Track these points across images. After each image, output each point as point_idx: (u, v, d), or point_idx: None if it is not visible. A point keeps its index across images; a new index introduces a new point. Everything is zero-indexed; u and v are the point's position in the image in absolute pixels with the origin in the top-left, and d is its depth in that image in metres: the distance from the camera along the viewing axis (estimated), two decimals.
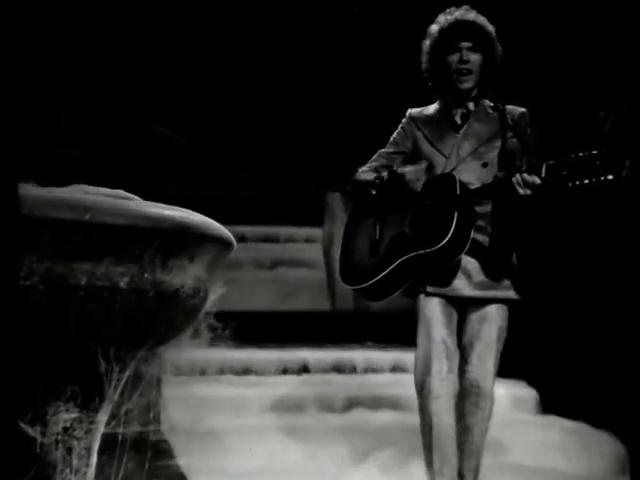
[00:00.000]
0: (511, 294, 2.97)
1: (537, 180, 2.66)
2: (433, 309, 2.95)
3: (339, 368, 5.43)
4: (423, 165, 2.97)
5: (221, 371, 5.17)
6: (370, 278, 2.91)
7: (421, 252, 2.82)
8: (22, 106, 1.56)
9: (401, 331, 3.61)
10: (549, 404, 4.86)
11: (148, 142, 5.66)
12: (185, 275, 1.73)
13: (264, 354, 5.51)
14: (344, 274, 3.07)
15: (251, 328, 6.35)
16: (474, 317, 2.96)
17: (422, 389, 2.94)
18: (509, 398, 4.59)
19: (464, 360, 2.96)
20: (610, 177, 2.49)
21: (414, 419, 3.05)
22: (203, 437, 3.84)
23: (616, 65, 4.54)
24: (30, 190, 1.55)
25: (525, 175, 2.68)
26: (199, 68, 6.85)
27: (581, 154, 2.53)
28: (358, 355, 5.43)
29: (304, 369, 5.41)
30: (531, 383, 4.99)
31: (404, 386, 3.66)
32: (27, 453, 1.68)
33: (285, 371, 5.35)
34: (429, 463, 2.94)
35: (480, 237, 2.93)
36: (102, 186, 1.80)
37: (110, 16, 5.78)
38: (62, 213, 1.52)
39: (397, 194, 2.94)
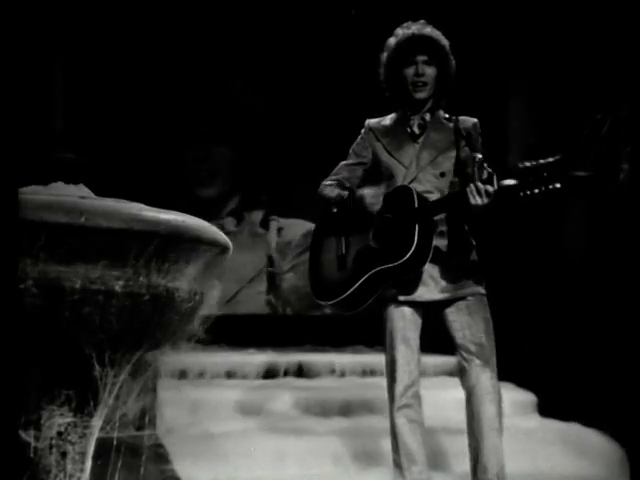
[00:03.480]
0: (480, 289, 3.06)
1: (490, 189, 2.76)
2: (399, 317, 3.05)
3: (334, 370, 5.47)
4: (382, 188, 3.08)
5: (217, 375, 5.18)
6: (341, 293, 3.01)
7: (387, 266, 2.93)
8: (17, 109, 1.55)
9: None
10: (546, 407, 4.87)
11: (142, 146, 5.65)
12: (181, 279, 1.72)
13: (261, 357, 5.52)
14: (315, 290, 3.16)
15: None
16: (456, 314, 3.04)
17: (389, 394, 3.06)
18: (506, 401, 4.57)
19: (463, 359, 3.01)
20: (558, 186, 2.58)
21: None
22: (199, 441, 3.84)
23: (614, 68, 4.54)
24: (24, 193, 1.54)
25: (479, 184, 2.78)
26: (196, 72, 6.85)
27: (529, 164, 2.62)
28: None
29: (300, 372, 5.43)
30: (528, 386, 5.00)
31: None
32: (21, 457, 1.67)
33: (284, 373, 5.37)
34: (396, 461, 3.04)
35: (442, 242, 3.03)
36: (98, 187, 1.79)
37: (105, 20, 5.78)
38: (57, 216, 1.51)
39: (357, 214, 3.05)
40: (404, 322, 3.04)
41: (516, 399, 4.79)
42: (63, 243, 1.53)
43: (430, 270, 3.01)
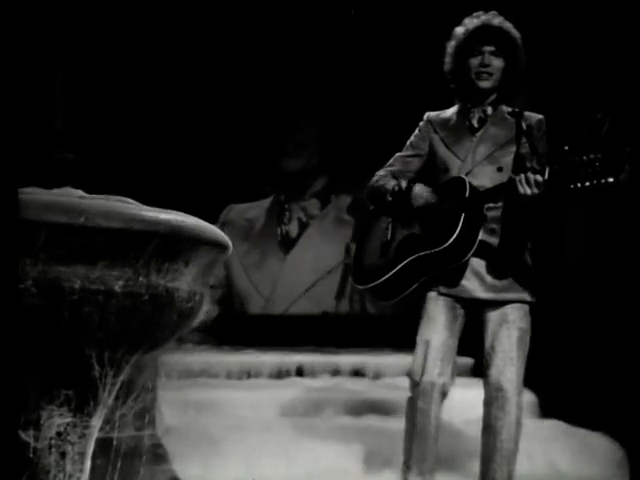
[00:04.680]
0: (525, 296, 2.98)
1: (539, 178, 2.67)
2: (437, 310, 2.97)
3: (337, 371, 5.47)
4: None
5: (217, 374, 5.17)
6: (378, 277, 2.93)
7: (427, 252, 2.85)
8: (16, 108, 1.55)
9: None
10: (548, 408, 4.86)
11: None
12: (180, 279, 1.72)
13: (261, 357, 5.51)
14: (355, 274, 3.11)
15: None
16: (493, 320, 2.96)
17: (414, 387, 2.97)
18: None
19: (487, 365, 2.95)
20: (610, 179, 2.50)
21: None
22: (199, 441, 3.83)
23: (614, 67, 4.54)
24: (24, 193, 1.54)
25: (529, 174, 2.70)
26: (196, 73, 6.84)
27: (584, 157, 2.54)
28: None
29: (300, 372, 5.42)
30: (529, 386, 4.98)
31: None
32: (20, 457, 1.67)
33: (282, 374, 5.37)
34: (407, 461, 2.97)
35: (493, 240, 2.94)
36: (97, 188, 1.79)
37: (104, 19, 5.77)
38: (56, 216, 1.51)
39: (412, 204, 2.98)
40: (442, 315, 2.96)
41: None
42: (63, 243, 1.53)
43: (477, 267, 2.93)
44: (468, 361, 5.04)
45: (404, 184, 3.02)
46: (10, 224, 1.45)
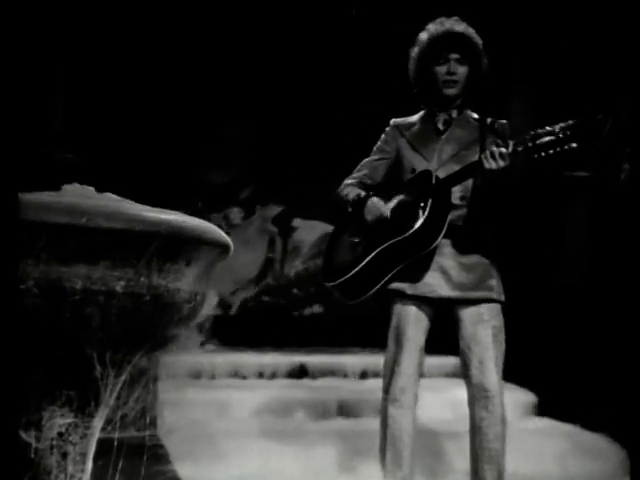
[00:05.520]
0: (493, 295, 2.98)
1: (504, 150, 2.69)
2: (406, 314, 2.98)
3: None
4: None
5: (218, 375, 5.18)
6: (346, 272, 2.91)
7: (395, 240, 2.83)
8: (17, 109, 1.55)
9: None
10: (546, 407, 4.86)
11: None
12: (182, 279, 1.72)
13: (261, 357, 5.51)
14: (324, 272, 3.08)
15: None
16: (467, 319, 2.96)
17: (386, 392, 2.99)
18: (506, 402, 4.57)
19: (466, 366, 2.95)
20: (574, 145, 2.52)
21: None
22: (200, 442, 3.83)
23: (615, 68, 4.54)
24: (26, 194, 1.54)
25: (493, 148, 2.72)
26: (195, 72, 6.84)
27: (547, 127, 2.57)
28: None
29: (301, 372, 5.43)
30: (529, 386, 4.99)
31: None
32: (22, 458, 1.67)
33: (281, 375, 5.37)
34: (383, 464, 2.98)
35: (458, 239, 2.95)
36: (97, 188, 1.79)
37: (105, 19, 5.77)
38: (58, 217, 1.51)
39: (365, 217, 2.99)
40: (410, 320, 2.96)
41: (516, 399, 4.78)
42: (64, 244, 1.53)
43: (444, 266, 2.93)
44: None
45: (362, 194, 3.04)
46: (10, 224, 1.45)
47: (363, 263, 2.88)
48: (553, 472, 4.01)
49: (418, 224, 2.78)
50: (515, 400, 4.76)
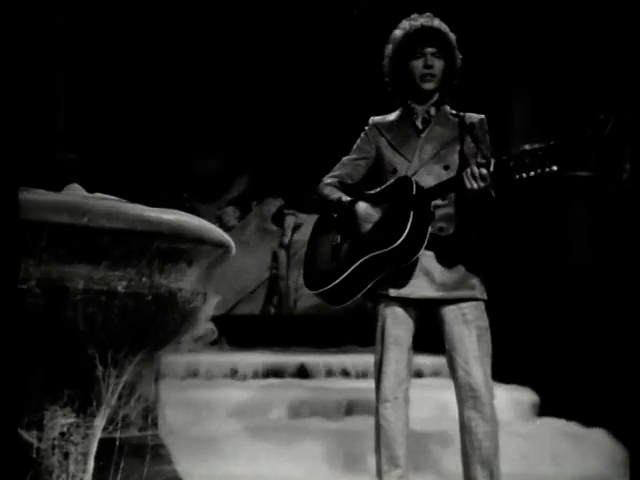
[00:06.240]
0: (477, 294, 2.96)
1: (484, 171, 2.70)
2: (390, 315, 2.98)
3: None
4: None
5: (219, 375, 5.18)
6: (331, 281, 2.92)
7: (378, 252, 2.84)
8: (18, 109, 1.55)
9: None
10: (547, 407, 4.86)
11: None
12: (183, 279, 1.72)
13: (262, 357, 5.52)
14: (307, 279, 3.09)
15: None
16: (451, 320, 2.95)
17: (376, 392, 2.99)
18: (507, 401, 4.57)
19: (452, 367, 2.94)
20: (554, 168, 2.53)
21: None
22: (201, 442, 3.84)
23: (617, 68, 4.54)
24: (27, 194, 1.54)
25: (474, 168, 2.72)
26: (196, 72, 6.84)
27: (527, 147, 2.58)
28: None
29: (301, 372, 5.43)
30: (529, 385, 4.99)
31: None
32: (23, 458, 1.67)
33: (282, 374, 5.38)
34: (378, 464, 2.98)
35: (441, 239, 2.95)
36: (98, 189, 1.79)
37: (106, 21, 5.78)
38: (60, 217, 1.51)
39: (357, 223, 2.99)
40: (395, 320, 2.97)
41: (517, 399, 4.78)
42: (66, 243, 1.53)
43: (426, 266, 2.93)
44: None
45: (347, 200, 3.02)
46: (12, 224, 1.45)
47: (346, 273, 2.90)
48: (554, 472, 4.01)
49: (401, 239, 2.78)
50: (516, 400, 4.76)
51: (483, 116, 3.05)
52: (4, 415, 1.46)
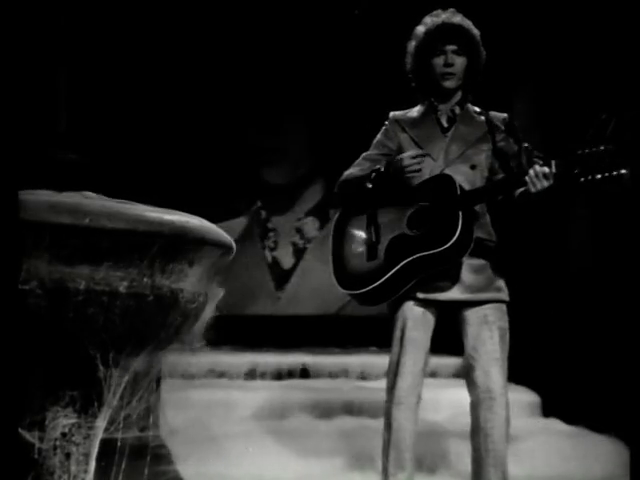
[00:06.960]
0: (502, 296, 2.97)
1: (547, 170, 2.65)
2: (412, 316, 2.94)
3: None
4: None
5: (221, 375, 5.18)
6: (371, 282, 2.87)
7: (427, 253, 2.79)
8: (19, 109, 1.55)
9: None
10: (550, 408, 4.86)
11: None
12: (185, 279, 1.72)
13: (263, 358, 5.52)
14: (341, 280, 3.00)
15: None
16: (473, 321, 2.93)
17: (389, 393, 2.95)
18: (510, 402, 4.57)
19: (471, 367, 2.93)
20: (623, 172, 2.49)
21: None
22: (202, 442, 3.84)
23: (618, 68, 4.53)
24: (29, 194, 1.54)
25: (536, 167, 2.67)
26: (197, 72, 6.84)
27: (594, 149, 2.53)
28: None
29: (303, 373, 5.43)
30: (532, 387, 4.99)
31: None
32: (25, 458, 1.67)
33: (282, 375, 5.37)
34: (385, 466, 2.95)
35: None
36: (100, 190, 1.79)
37: (107, 21, 5.78)
38: (61, 217, 1.51)
39: (396, 186, 2.92)
40: (416, 322, 2.92)
41: (521, 400, 4.77)
42: (67, 244, 1.53)
43: (455, 267, 2.89)
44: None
45: (382, 166, 2.95)
46: (14, 225, 1.45)
47: (390, 273, 2.84)
48: (556, 473, 4.01)
49: (452, 240, 2.74)
50: (519, 401, 4.76)
51: (506, 115, 3.02)
52: (5, 415, 1.46)
